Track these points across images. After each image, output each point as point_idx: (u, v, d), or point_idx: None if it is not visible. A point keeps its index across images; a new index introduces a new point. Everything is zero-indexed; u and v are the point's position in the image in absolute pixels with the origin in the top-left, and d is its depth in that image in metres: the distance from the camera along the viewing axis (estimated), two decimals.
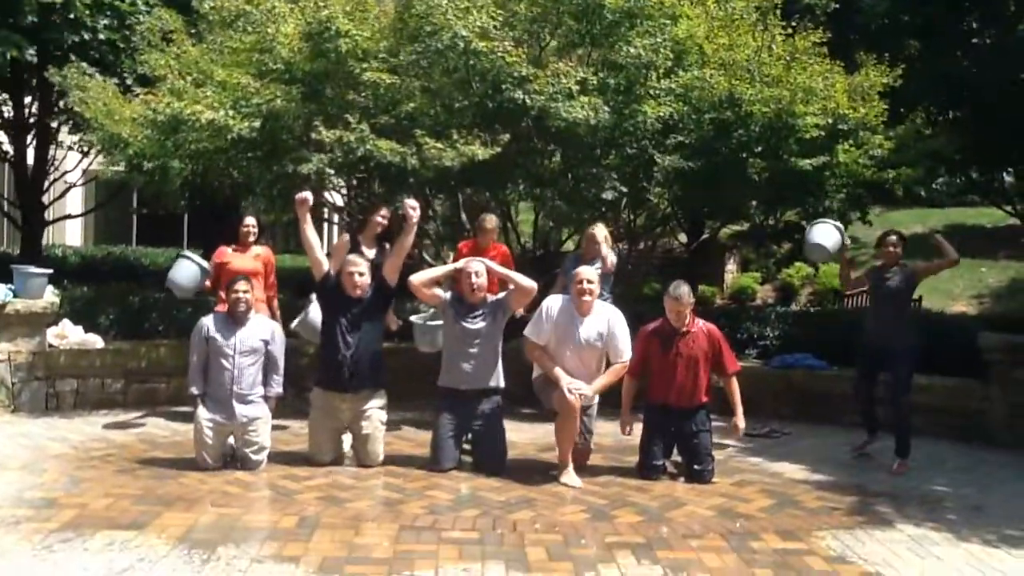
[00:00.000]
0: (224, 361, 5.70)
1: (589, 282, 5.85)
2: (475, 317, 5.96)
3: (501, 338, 6.08)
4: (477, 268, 5.98)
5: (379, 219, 6.99)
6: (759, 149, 8.13)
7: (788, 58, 8.43)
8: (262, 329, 5.89)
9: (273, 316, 6.92)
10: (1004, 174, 15.31)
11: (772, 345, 8.79)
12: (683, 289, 5.98)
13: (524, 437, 6.82)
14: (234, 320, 5.78)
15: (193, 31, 8.78)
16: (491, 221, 7.33)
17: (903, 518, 5.31)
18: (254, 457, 5.74)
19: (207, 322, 5.80)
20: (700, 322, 6.08)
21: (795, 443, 7.23)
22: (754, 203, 9.03)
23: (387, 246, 7.12)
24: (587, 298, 5.85)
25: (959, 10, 13.06)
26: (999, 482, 6.29)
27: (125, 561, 4.15)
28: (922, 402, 7.72)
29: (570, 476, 5.78)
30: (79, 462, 5.74)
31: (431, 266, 9.09)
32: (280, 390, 5.92)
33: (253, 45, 7.64)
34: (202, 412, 5.65)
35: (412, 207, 5.91)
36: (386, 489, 5.45)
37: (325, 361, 5.94)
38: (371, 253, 6.92)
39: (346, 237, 7.32)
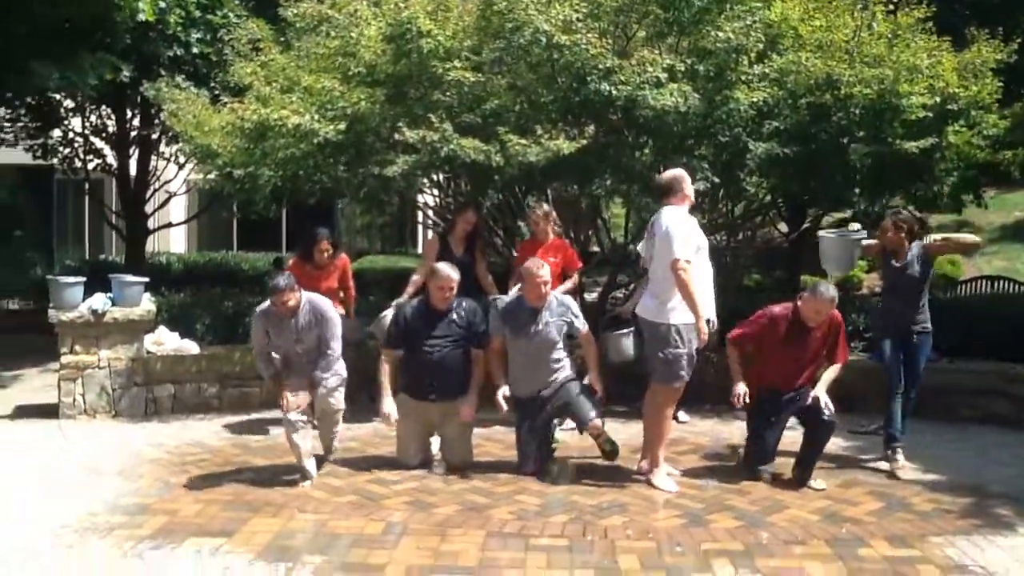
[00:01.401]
0: (292, 354, 5.69)
1: None
2: (537, 327, 5.73)
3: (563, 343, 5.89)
4: (547, 277, 5.76)
5: (465, 221, 7.15)
6: (860, 133, 7.72)
7: (890, 36, 8.00)
8: (311, 316, 5.69)
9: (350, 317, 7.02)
10: None
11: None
12: (833, 293, 5.66)
13: (617, 437, 6.58)
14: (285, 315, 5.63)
15: (281, 39, 8.86)
16: (540, 210, 7.17)
17: None
18: (335, 421, 5.85)
19: (262, 322, 5.70)
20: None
21: (906, 440, 6.83)
22: (857, 190, 8.59)
23: (476, 245, 7.23)
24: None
25: None
26: None
27: (212, 570, 4.16)
28: None
29: (662, 478, 5.56)
30: (173, 467, 5.81)
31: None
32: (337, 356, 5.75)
33: (337, 49, 7.63)
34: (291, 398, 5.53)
35: (466, 413, 5.83)
36: (474, 493, 5.34)
37: (410, 370, 5.86)
38: (459, 252, 7.05)
39: (435, 239, 7.39)
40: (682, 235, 5.42)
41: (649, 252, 5.67)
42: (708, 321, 5.43)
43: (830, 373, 5.75)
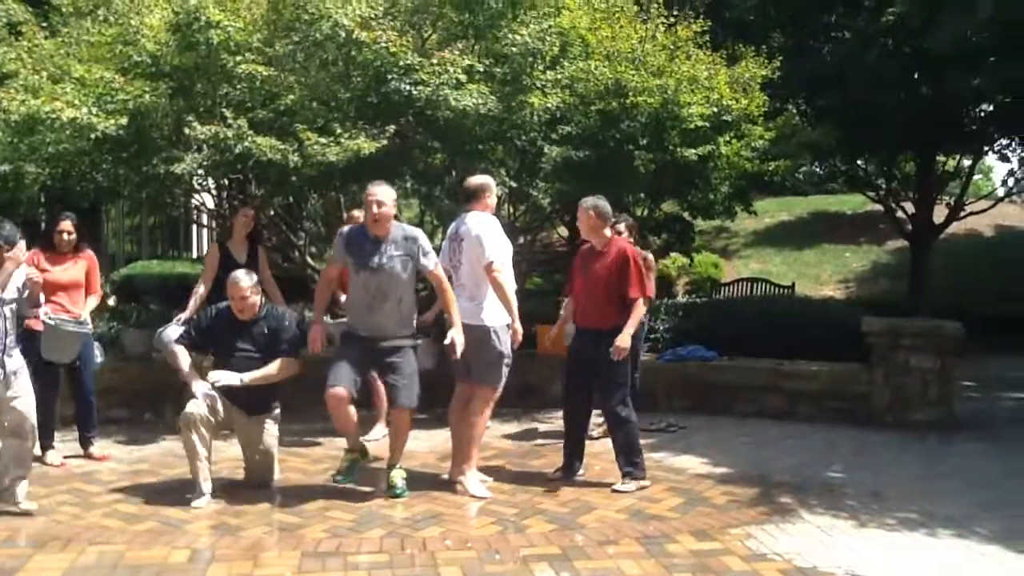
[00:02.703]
0: None
1: None
2: (381, 260, 5.22)
3: (412, 285, 5.43)
4: (380, 196, 5.23)
5: (244, 222, 6.72)
6: (645, 140, 8.09)
7: (672, 47, 8.44)
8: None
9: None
10: (866, 162, 15.94)
11: (663, 338, 8.76)
12: (587, 201, 5.72)
13: (421, 445, 6.54)
14: None
15: (44, 24, 8.12)
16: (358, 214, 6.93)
17: (807, 508, 5.36)
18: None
19: None
20: (621, 243, 5.78)
21: (693, 436, 7.22)
22: (641, 195, 8.99)
23: (258, 248, 6.82)
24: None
25: (824, 2, 13.45)
26: (889, 465, 6.45)
27: None
28: (810, 388, 7.92)
29: (475, 484, 5.53)
30: None
31: (312, 269, 8.79)
32: None
33: (115, 37, 7.07)
34: None
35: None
36: (282, 512, 5.09)
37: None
38: (242, 258, 6.62)
39: (215, 247, 6.82)
40: (493, 239, 5.48)
41: (456, 257, 5.64)
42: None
43: (631, 314, 5.63)
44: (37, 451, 5.99)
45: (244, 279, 5.40)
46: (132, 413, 6.89)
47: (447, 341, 5.30)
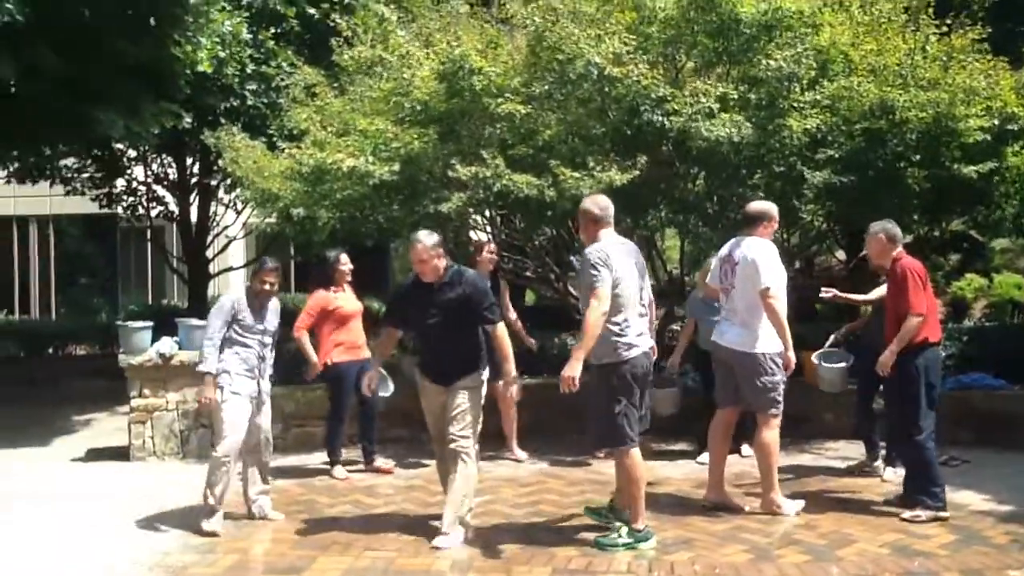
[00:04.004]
0: (251, 339, 5.67)
1: None
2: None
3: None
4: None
5: (488, 256, 7.03)
6: (917, 157, 7.63)
7: (945, 58, 7.90)
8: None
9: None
10: None
11: (946, 365, 8.14)
12: (875, 226, 5.84)
13: (676, 472, 6.60)
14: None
15: (335, 84, 9.04)
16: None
17: None
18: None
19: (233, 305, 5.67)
20: (902, 260, 5.71)
21: (977, 471, 6.66)
22: (916, 216, 8.45)
23: (500, 281, 7.14)
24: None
25: None
26: None
27: None
28: None
29: (785, 503, 5.59)
30: (241, 507, 5.79)
31: (575, 298, 9.03)
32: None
33: (391, 91, 7.78)
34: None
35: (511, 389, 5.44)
36: (536, 530, 5.33)
37: (421, 349, 5.68)
38: None
39: None
40: (769, 264, 5.47)
41: (728, 280, 5.66)
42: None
43: (901, 329, 5.52)
44: (326, 465, 6.75)
45: (425, 239, 5.09)
46: (411, 432, 7.45)
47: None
